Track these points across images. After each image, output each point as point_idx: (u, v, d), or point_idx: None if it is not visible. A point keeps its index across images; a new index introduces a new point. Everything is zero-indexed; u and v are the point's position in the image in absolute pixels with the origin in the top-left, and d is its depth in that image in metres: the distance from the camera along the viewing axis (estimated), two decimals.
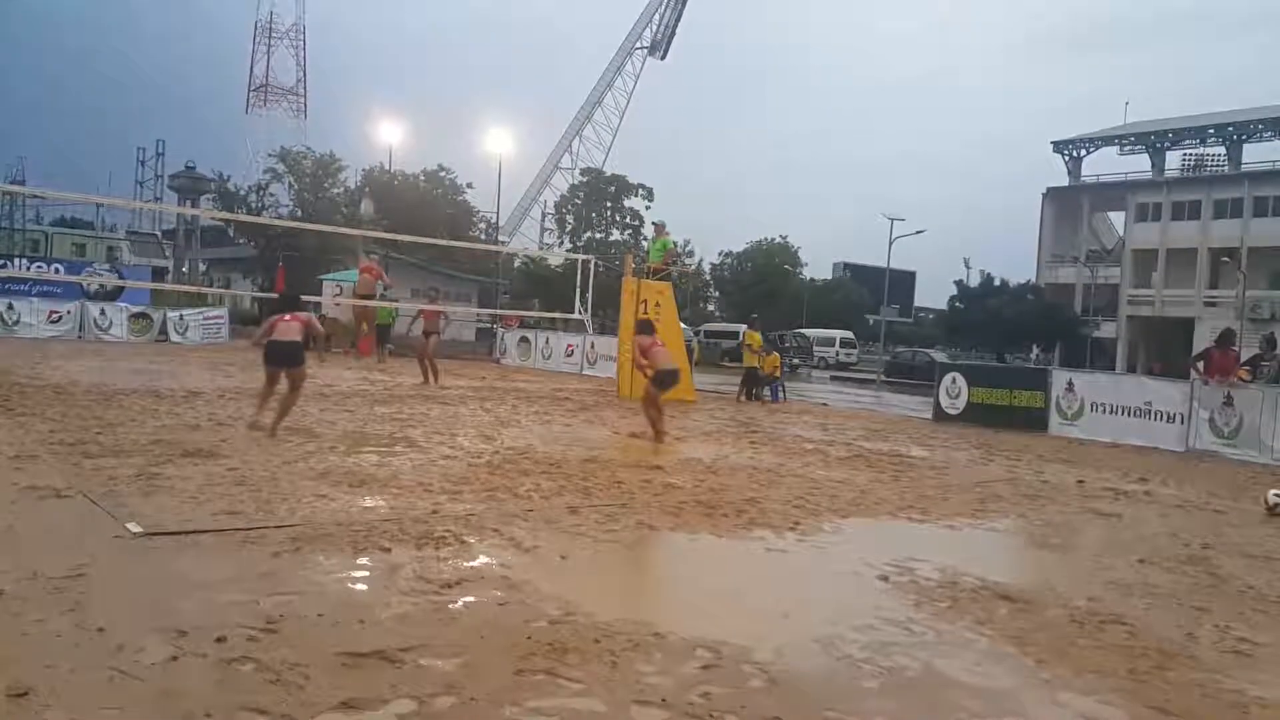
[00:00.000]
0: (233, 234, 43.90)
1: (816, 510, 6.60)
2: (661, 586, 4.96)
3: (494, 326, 32.31)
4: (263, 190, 38.61)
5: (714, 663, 3.40)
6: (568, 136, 66.41)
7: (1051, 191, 60.65)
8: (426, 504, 5.88)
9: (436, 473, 7.04)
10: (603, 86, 66.38)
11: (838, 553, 5.47)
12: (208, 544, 4.62)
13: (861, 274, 69.73)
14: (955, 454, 11.02)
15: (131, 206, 46.05)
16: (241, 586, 3.92)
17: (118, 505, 5.18)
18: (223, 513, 5.25)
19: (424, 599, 3.96)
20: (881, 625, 4.03)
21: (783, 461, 9.13)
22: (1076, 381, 14.44)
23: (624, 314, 16.84)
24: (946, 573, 5.00)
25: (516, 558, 4.75)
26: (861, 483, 8.09)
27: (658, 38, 64.89)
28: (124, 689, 2.82)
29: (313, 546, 4.66)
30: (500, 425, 10.70)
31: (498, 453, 8.32)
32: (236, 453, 7.29)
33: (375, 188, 42.73)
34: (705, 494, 6.90)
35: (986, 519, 6.90)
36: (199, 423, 9.00)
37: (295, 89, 75.20)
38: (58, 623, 3.36)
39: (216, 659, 3.10)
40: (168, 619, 3.43)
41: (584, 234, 56.41)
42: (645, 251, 24.65)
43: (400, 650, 3.28)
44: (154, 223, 55.93)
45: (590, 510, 6.03)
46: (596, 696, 3.03)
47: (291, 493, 5.93)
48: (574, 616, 3.81)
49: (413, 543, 4.86)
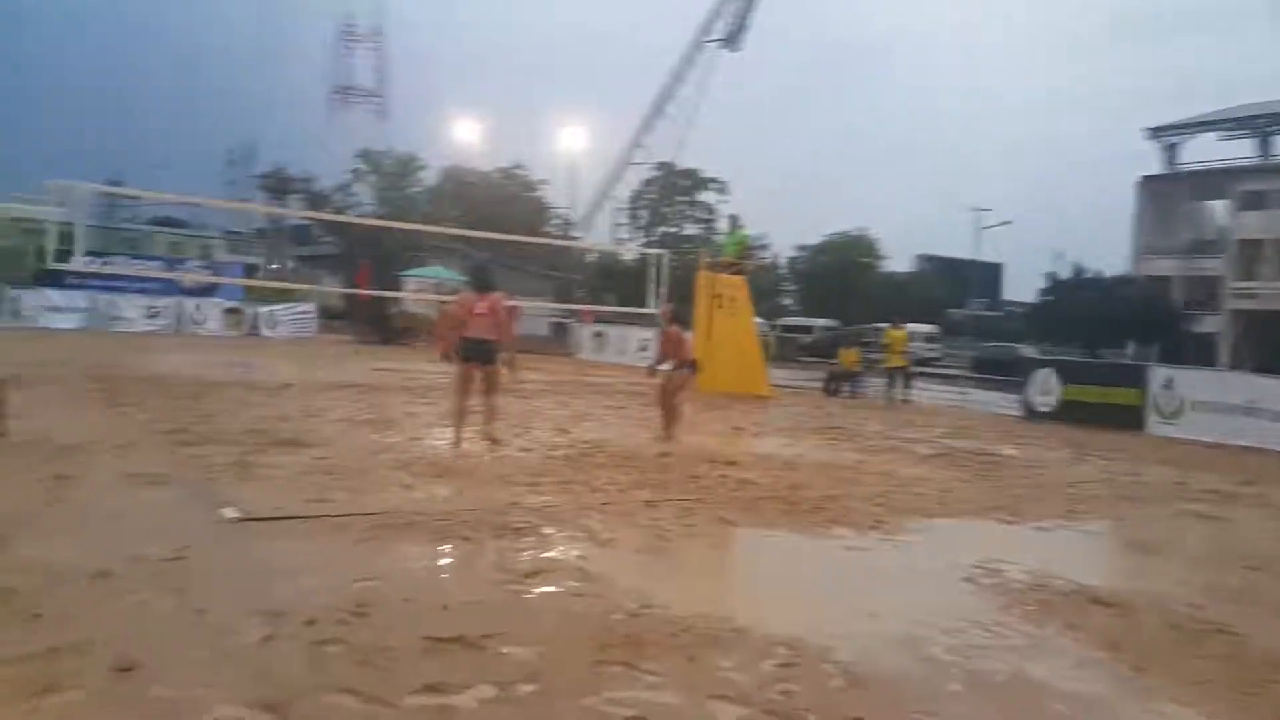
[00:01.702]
0: (319, 232, 45.18)
1: (899, 509, 6.47)
2: (739, 582, 4.93)
3: (570, 321, 32.57)
4: (347, 189, 39.69)
5: (793, 660, 3.36)
6: (641, 130, 66.36)
7: (1146, 180, 58.25)
8: (505, 495, 5.97)
9: (514, 465, 7.14)
10: (675, 80, 66.19)
11: (921, 553, 5.36)
12: (299, 530, 4.77)
13: (945, 267, 68.10)
14: (1046, 453, 10.69)
15: (224, 206, 47.76)
16: (331, 571, 4.05)
17: (215, 492, 5.38)
18: (313, 500, 5.41)
19: (503, 588, 4.02)
20: (967, 627, 3.92)
21: (864, 458, 8.98)
22: (1176, 378, 13.83)
23: (698, 309, 16.79)
24: (1036, 575, 4.85)
25: (593, 550, 4.78)
26: (947, 481, 7.91)
27: (731, 30, 64.33)
28: (221, 668, 2.94)
29: (398, 534, 4.78)
30: (576, 419, 10.79)
31: (573, 446, 8.39)
32: (325, 443, 7.51)
33: (453, 186, 43.54)
34: (783, 490, 6.84)
35: (1079, 520, 6.67)
36: (290, 414, 9.30)
37: (376, 90, 76.97)
38: (160, 603, 3.51)
39: (308, 641, 3.20)
40: (262, 601, 3.55)
41: (658, 228, 56.41)
42: (720, 245, 24.56)
43: (481, 637, 3.34)
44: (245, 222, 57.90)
45: (666, 504, 6.03)
46: (674, 690, 3.03)
47: (378, 482, 6.09)
48: (651, 609, 3.81)
49: (492, 532, 4.94)
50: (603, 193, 63.45)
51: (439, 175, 45.51)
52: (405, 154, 40.51)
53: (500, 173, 47.94)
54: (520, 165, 48.14)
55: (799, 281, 63.75)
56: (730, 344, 16.41)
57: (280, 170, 49.51)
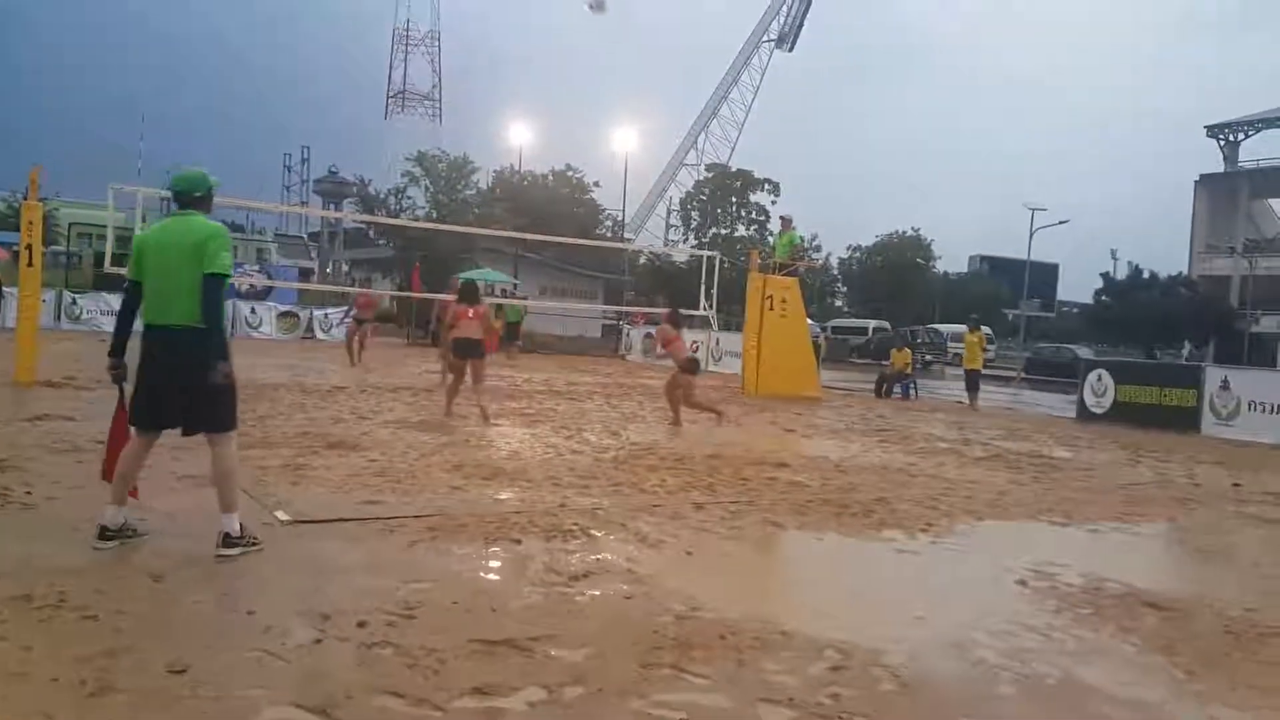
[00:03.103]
0: (373, 235, 45.87)
1: (951, 512, 6.38)
2: (788, 585, 4.89)
3: (620, 323, 32.65)
4: (400, 193, 40.19)
5: (843, 664, 3.33)
6: (693, 132, 66.25)
7: (1205, 178, 56.54)
8: (555, 497, 5.99)
9: (564, 467, 7.17)
10: (729, 81, 65.89)
11: (973, 556, 5.27)
12: (350, 532, 4.84)
13: (1000, 267, 66.91)
14: (1100, 455, 10.46)
15: (279, 210, 48.91)
16: (381, 573, 4.09)
17: (267, 494, 5.49)
18: (364, 502, 5.49)
19: (553, 590, 4.03)
20: (1019, 631, 3.85)
21: (914, 461, 8.86)
22: (1233, 379, 13.46)
23: (749, 310, 16.72)
24: (1089, 578, 4.74)
25: (642, 552, 4.78)
26: (999, 484, 7.76)
27: (785, 30, 63.88)
28: (272, 669, 2.98)
29: (448, 536, 4.82)
30: (625, 421, 10.81)
31: (623, 448, 8.41)
32: (377, 445, 7.62)
33: (505, 188, 43.88)
34: (833, 493, 6.77)
35: (1133, 523, 6.51)
36: (342, 416, 9.46)
37: (431, 94, 77.95)
38: (212, 605, 3.59)
39: (358, 643, 3.24)
40: (312, 603, 3.61)
41: (709, 230, 56.27)
42: (771, 247, 24.40)
43: (530, 639, 3.35)
44: (300, 225, 59.13)
45: (715, 506, 6.01)
46: (723, 693, 3.01)
47: (428, 484, 6.16)
48: (700, 612, 3.80)
49: (542, 535, 4.96)
50: (655, 194, 63.63)
51: (491, 178, 45.95)
52: (458, 157, 40.89)
53: (552, 175, 48.20)
54: (572, 167, 48.37)
55: (851, 282, 63.16)
56: (781, 345, 16.32)
57: (335, 174, 50.50)
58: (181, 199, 4.38)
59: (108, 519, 4.24)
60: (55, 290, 24.06)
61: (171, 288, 4.21)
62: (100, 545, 4.18)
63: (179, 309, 4.21)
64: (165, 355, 4.20)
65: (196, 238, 4.24)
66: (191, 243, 4.22)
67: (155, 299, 4.24)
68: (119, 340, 4.36)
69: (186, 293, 4.19)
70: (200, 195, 4.41)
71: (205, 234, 4.25)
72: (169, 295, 4.21)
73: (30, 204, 11.50)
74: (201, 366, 4.18)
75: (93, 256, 28.73)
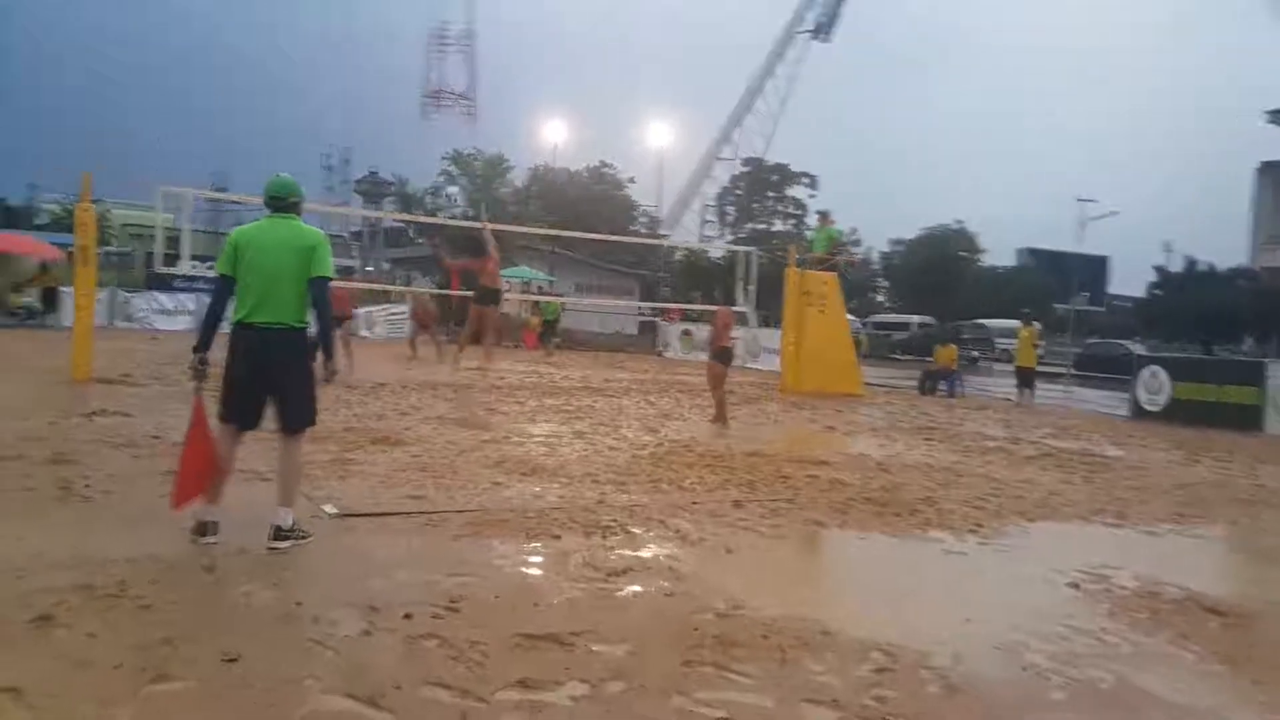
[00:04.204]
0: (412, 234, 46.35)
1: (999, 512, 6.27)
2: (830, 585, 4.84)
3: (656, 320, 32.63)
4: (438, 191, 40.59)
5: (888, 665, 3.29)
6: (728, 126, 65.80)
7: (1266, 166, 54.97)
8: (594, 494, 6.00)
9: (602, 463, 7.18)
10: (764, 73, 65.38)
11: (1023, 557, 5.17)
12: (395, 526, 4.89)
13: (1048, 261, 65.72)
14: (1155, 454, 10.23)
15: (320, 210, 49.24)
16: (426, 567, 4.14)
17: (315, 488, 5.56)
18: (408, 497, 5.55)
19: (593, 586, 4.04)
20: (1071, 635, 3.78)
21: (961, 460, 8.73)
22: None
23: (787, 306, 16.60)
24: (1145, 581, 4.64)
25: (682, 549, 4.77)
26: (1049, 484, 7.62)
27: (821, 20, 63.21)
28: (321, 659, 3.03)
29: (489, 531, 4.86)
30: (663, 418, 10.79)
31: (661, 445, 8.39)
32: (419, 440, 7.69)
33: (541, 186, 44.08)
34: (876, 492, 6.69)
35: (1191, 525, 6.36)
36: (385, 412, 9.56)
37: (466, 93, 78.45)
38: (263, 595, 3.64)
39: (404, 635, 3.27)
40: (360, 595, 3.65)
41: (745, 225, 56.00)
42: (809, 242, 24.22)
43: (572, 634, 3.36)
44: (341, 225, 59.82)
45: (755, 504, 5.98)
46: (765, 692, 2.99)
47: (469, 479, 6.20)
48: (741, 611, 3.78)
49: (581, 531, 4.97)
50: (690, 190, 63.42)
51: (527, 175, 46.21)
52: (494, 155, 41.18)
53: (587, 171, 48.33)
54: (607, 163, 48.46)
55: (893, 277, 62.44)
56: (821, 342, 16.18)
57: (375, 174, 51.10)
58: (278, 203, 4.50)
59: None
60: (109, 289, 24.61)
61: (275, 288, 4.31)
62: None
63: (281, 309, 4.32)
64: (262, 352, 4.31)
65: (306, 242, 4.38)
66: (299, 246, 4.35)
67: (255, 298, 4.32)
68: (207, 336, 4.44)
69: (290, 294, 4.32)
70: (296, 200, 4.55)
71: (315, 239, 4.42)
72: (271, 295, 4.31)
73: (83, 206, 11.77)
74: (297, 365, 4.36)
75: (144, 256, 29.38)
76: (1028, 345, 17.24)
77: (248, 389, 4.35)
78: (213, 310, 4.47)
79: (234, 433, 4.45)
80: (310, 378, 4.50)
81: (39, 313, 23.39)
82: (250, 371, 4.33)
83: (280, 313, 4.32)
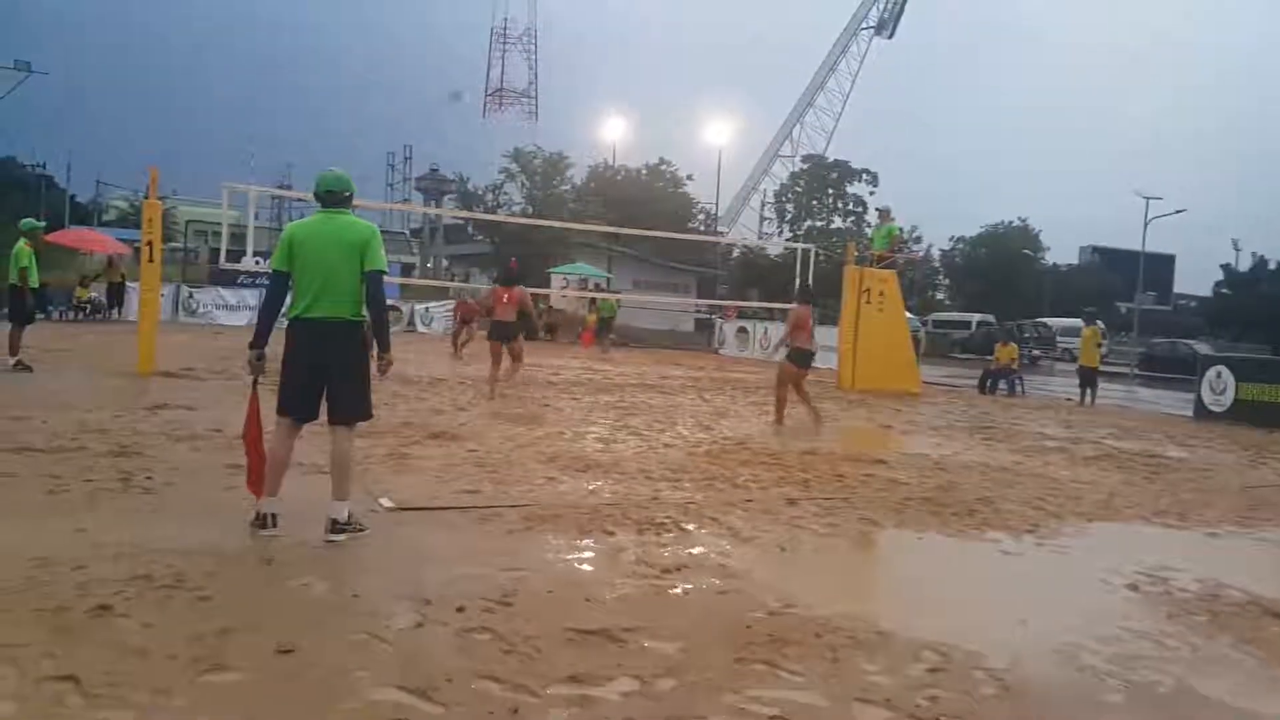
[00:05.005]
0: (471, 231, 46.86)
1: (1058, 512, 6.14)
2: (885, 584, 4.79)
3: (713, 317, 32.54)
4: (498, 189, 40.98)
5: (942, 666, 3.24)
6: (789, 123, 65.19)
7: None
8: (647, 490, 6.02)
9: (656, 460, 7.20)
10: (826, 70, 64.62)
11: (1081, 558, 5.06)
12: (450, 520, 4.97)
13: (1112, 259, 63.99)
14: (1219, 455, 9.91)
15: (382, 207, 50.26)
16: (480, 561, 4.19)
17: (372, 482, 5.67)
18: (463, 491, 5.63)
19: (645, 582, 4.05)
20: (1129, 637, 3.69)
21: (1020, 460, 8.56)
22: None
23: (845, 304, 16.44)
24: (1206, 584, 4.51)
25: (735, 547, 4.76)
26: (1110, 484, 7.44)
27: (885, 16, 62.29)
28: (375, 651, 3.08)
29: (543, 526, 4.90)
30: (718, 415, 10.78)
31: (716, 442, 8.38)
32: (474, 436, 7.80)
33: (599, 183, 44.22)
34: (932, 491, 6.60)
35: (1256, 527, 6.15)
36: (441, 408, 9.71)
37: (527, 91, 79.05)
38: (319, 587, 3.72)
39: (457, 628, 3.32)
40: (414, 588, 3.71)
41: (804, 222, 55.49)
42: (869, 239, 23.94)
43: (624, 630, 3.38)
44: (402, 222, 60.74)
45: (809, 502, 5.94)
46: (817, 691, 2.98)
47: (524, 475, 6.27)
48: (793, 609, 3.76)
49: (634, 527, 4.99)
50: (748, 187, 63.05)
51: (586, 173, 46.42)
52: (553, 153, 41.47)
53: (646, 169, 48.35)
54: (665, 161, 48.43)
55: (954, 275, 61.36)
56: (878, 339, 15.99)
57: (435, 170, 51.84)
58: (331, 198, 4.57)
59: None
60: (173, 284, 25.34)
61: (330, 283, 4.39)
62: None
63: (337, 303, 4.40)
64: (318, 346, 4.40)
65: (359, 236, 4.45)
66: (353, 240, 4.43)
67: (311, 293, 4.40)
68: (263, 331, 4.55)
69: (346, 288, 4.40)
70: (348, 195, 4.63)
71: (368, 233, 4.49)
72: (327, 290, 4.39)
73: (150, 202, 12.14)
74: (354, 358, 4.44)
75: (208, 252, 30.20)
76: (1090, 345, 16.83)
77: (305, 383, 4.43)
78: (268, 306, 4.57)
79: (292, 426, 4.53)
80: (366, 371, 4.57)
81: (104, 307, 24.18)
82: (307, 365, 4.42)
83: (336, 307, 4.39)
